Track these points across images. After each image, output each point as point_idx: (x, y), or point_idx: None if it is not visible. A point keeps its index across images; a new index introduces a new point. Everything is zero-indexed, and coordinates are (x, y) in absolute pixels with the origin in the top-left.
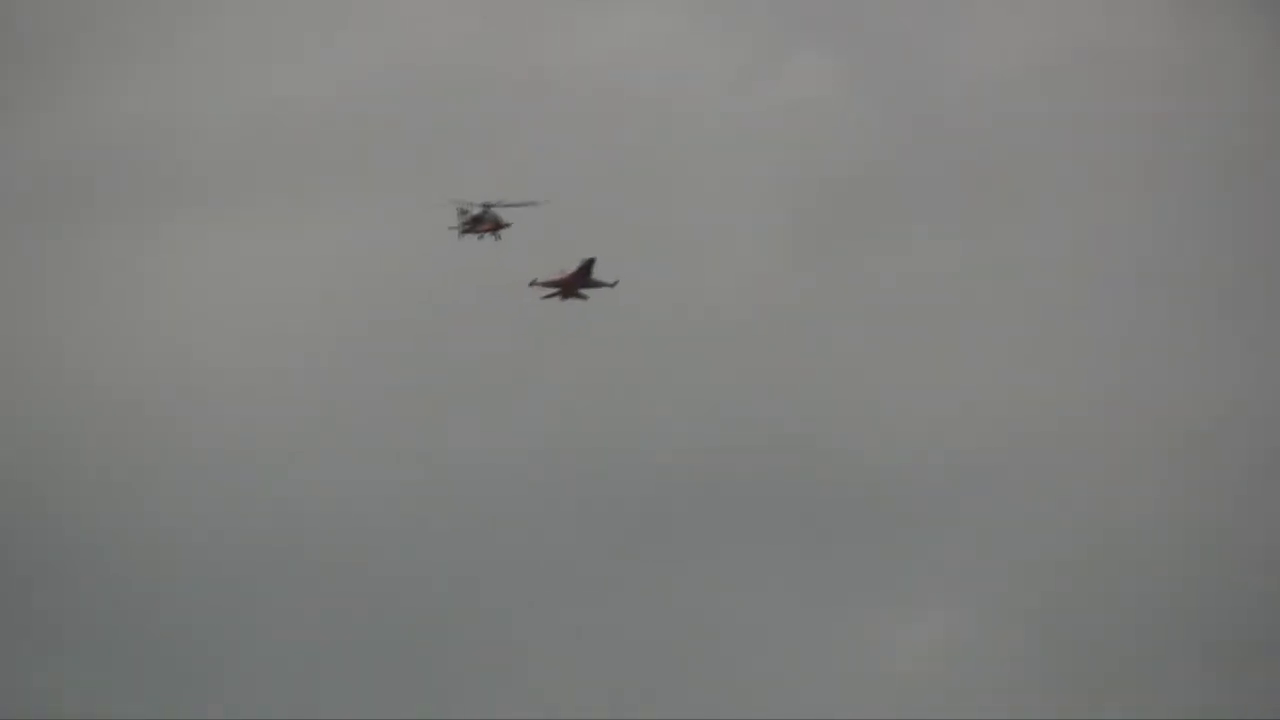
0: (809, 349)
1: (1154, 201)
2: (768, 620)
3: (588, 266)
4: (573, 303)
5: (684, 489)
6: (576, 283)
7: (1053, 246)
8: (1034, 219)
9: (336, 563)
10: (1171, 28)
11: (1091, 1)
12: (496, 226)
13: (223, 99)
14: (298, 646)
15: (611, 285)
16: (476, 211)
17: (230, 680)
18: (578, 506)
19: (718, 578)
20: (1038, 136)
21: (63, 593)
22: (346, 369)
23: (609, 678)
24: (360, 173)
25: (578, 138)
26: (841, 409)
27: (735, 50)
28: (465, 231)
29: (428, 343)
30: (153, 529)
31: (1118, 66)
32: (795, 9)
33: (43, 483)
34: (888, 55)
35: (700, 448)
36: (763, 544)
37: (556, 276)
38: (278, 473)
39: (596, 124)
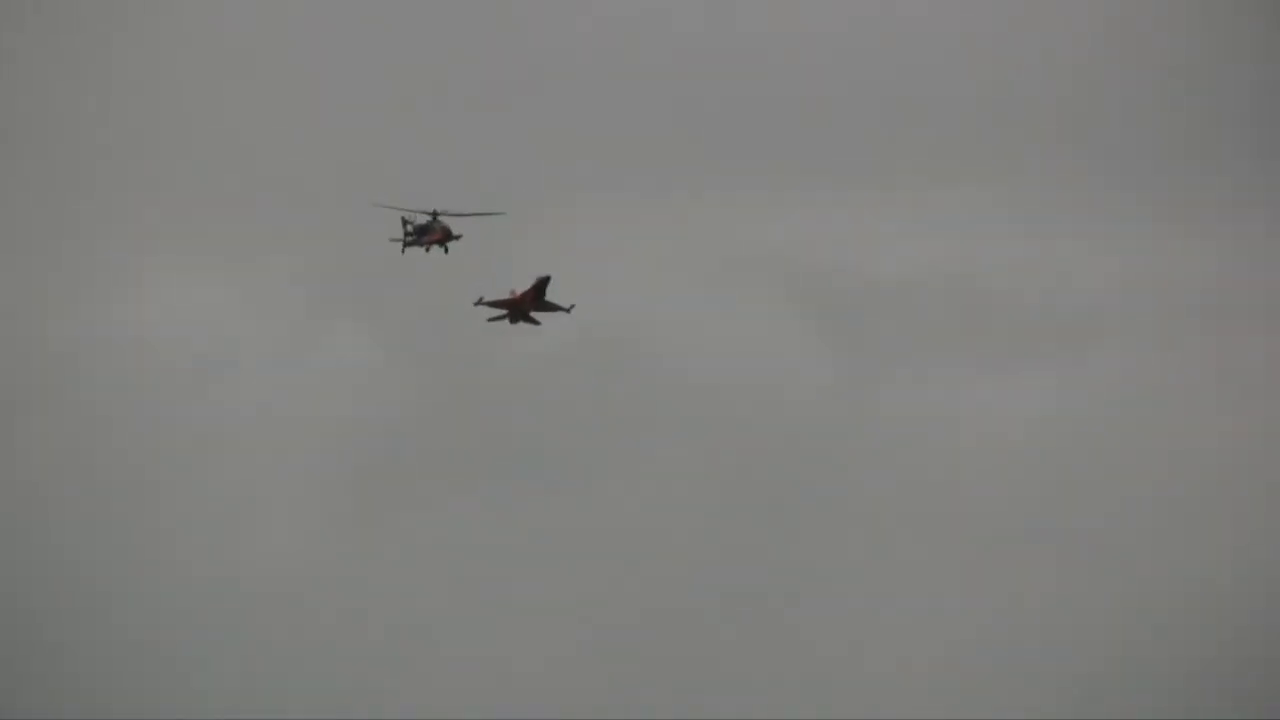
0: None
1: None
2: None
3: (542, 286)
4: (523, 328)
5: None
6: (528, 304)
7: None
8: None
9: None
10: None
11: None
12: (446, 238)
13: None
14: None
15: (567, 310)
16: (423, 221)
17: None
18: None
19: None
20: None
21: None
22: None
23: None
24: None
25: (126, 409)
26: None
27: (277, 320)
28: (410, 244)
29: None
30: None
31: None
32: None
33: None
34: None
35: None
36: None
37: (506, 296)
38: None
39: (143, 392)
